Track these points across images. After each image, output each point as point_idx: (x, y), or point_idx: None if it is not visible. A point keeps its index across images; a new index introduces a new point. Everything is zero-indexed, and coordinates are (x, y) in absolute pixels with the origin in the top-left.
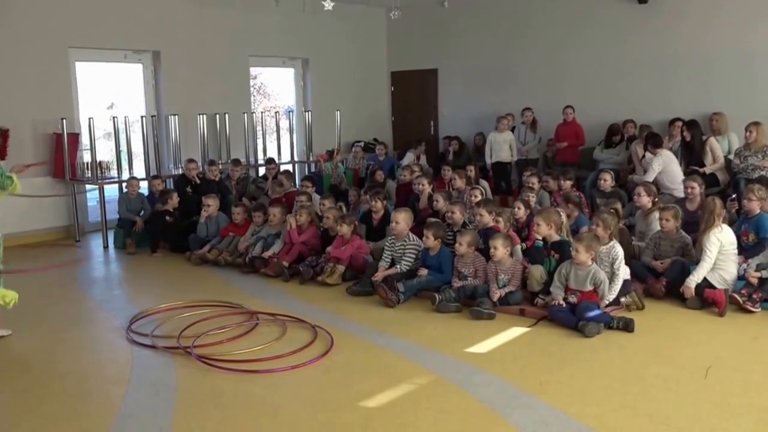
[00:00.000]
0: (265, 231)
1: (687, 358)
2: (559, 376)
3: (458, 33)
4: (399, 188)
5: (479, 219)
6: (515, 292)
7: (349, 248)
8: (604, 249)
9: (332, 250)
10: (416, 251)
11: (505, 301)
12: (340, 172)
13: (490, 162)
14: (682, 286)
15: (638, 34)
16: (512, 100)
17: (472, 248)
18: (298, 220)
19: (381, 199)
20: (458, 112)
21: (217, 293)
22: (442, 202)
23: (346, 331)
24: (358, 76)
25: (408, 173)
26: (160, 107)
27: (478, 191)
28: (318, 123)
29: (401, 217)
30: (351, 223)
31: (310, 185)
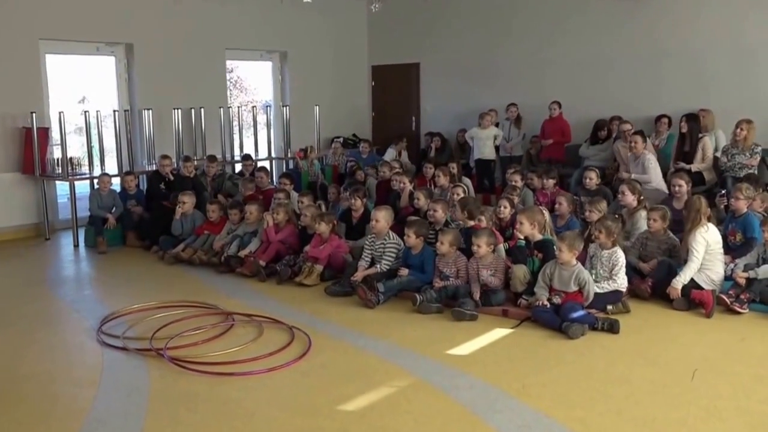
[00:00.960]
0: (241, 229)
1: (673, 360)
2: (543, 378)
3: (441, 26)
4: (379, 185)
5: (457, 216)
6: (498, 292)
7: (328, 247)
8: (605, 253)
9: (310, 250)
10: (396, 250)
11: (488, 301)
12: (316, 170)
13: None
14: (669, 287)
15: (626, 29)
16: (497, 96)
17: (453, 247)
18: (275, 218)
19: (360, 197)
20: (441, 108)
21: (191, 293)
22: (424, 200)
23: (324, 332)
24: (338, 71)
25: (388, 170)
26: (133, 101)
27: (461, 189)
28: (296, 118)
29: (381, 215)
30: (330, 222)
31: (287, 182)
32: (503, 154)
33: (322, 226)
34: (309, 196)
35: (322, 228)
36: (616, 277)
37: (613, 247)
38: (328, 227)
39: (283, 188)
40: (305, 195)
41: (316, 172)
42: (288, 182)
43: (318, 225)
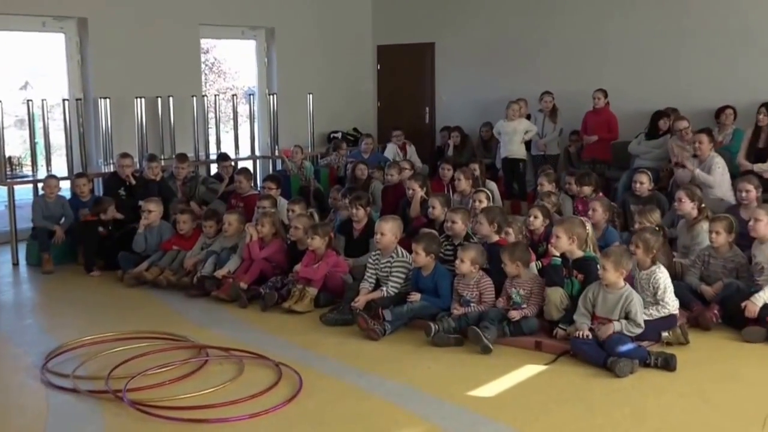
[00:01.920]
0: (218, 244)
1: (742, 404)
2: (584, 426)
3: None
4: (386, 191)
5: (478, 229)
6: (529, 319)
7: (323, 266)
8: (644, 275)
9: (301, 269)
10: (406, 270)
11: (518, 329)
12: (307, 173)
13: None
14: (745, 302)
15: (691, 3)
16: (528, 83)
17: (476, 267)
18: (259, 230)
19: (363, 206)
20: (460, 97)
21: (156, 322)
22: (440, 209)
23: (318, 370)
24: (336, 51)
25: (396, 172)
26: (87, 88)
27: (485, 195)
28: (286, 109)
29: (388, 227)
30: (325, 235)
31: (273, 187)
32: (536, 152)
33: (316, 240)
34: (300, 204)
35: (316, 243)
36: (663, 301)
37: (653, 265)
38: (324, 242)
39: (268, 194)
40: (296, 203)
41: (307, 174)
42: (274, 187)
43: (311, 239)
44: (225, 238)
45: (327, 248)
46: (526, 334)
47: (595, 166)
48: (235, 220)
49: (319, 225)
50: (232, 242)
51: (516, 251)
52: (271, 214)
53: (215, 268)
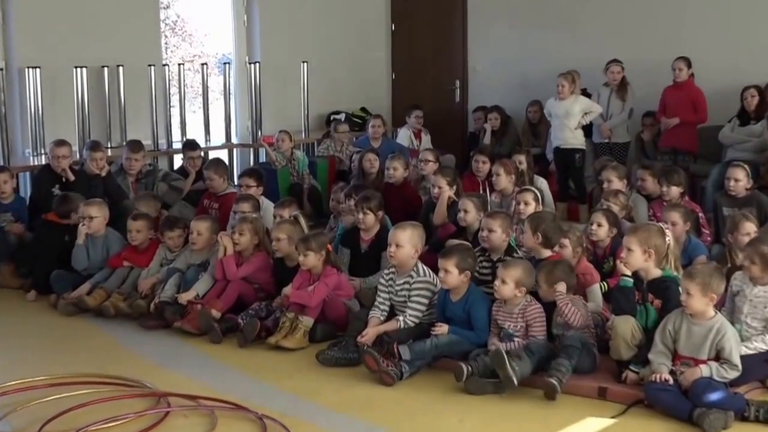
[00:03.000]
0: (182, 260)
1: None
2: None
3: None
4: (388, 191)
5: (524, 241)
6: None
7: (321, 289)
8: (760, 292)
9: (292, 293)
10: (430, 293)
11: None
12: (300, 166)
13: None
14: None
15: None
16: (590, 48)
17: (521, 290)
18: (236, 241)
19: (374, 209)
20: (500, 67)
21: (102, 362)
22: (474, 214)
23: (313, 424)
24: (339, 8)
25: (400, 165)
26: (9, 56)
27: (531, 196)
28: (272, 83)
29: (405, 237)
30: (321, 248)
31: (254, 184)
32: (599, 140)
33: (310, 257)
34: (291, 208)
35: (311, 261)
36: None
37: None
38: (319, 257)
39: (247, 194)
40: (285, 206)
41: (300, 169)
42: (254, 184)
43: (303, 256)
44: (192, 252)
45: (325, 265)
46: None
47: (677, 158)
48: (206, 229)
49: (312, 235)
50: (201, 257)
51: (556, 270)
52: (253, 220)
53: (179, 291)
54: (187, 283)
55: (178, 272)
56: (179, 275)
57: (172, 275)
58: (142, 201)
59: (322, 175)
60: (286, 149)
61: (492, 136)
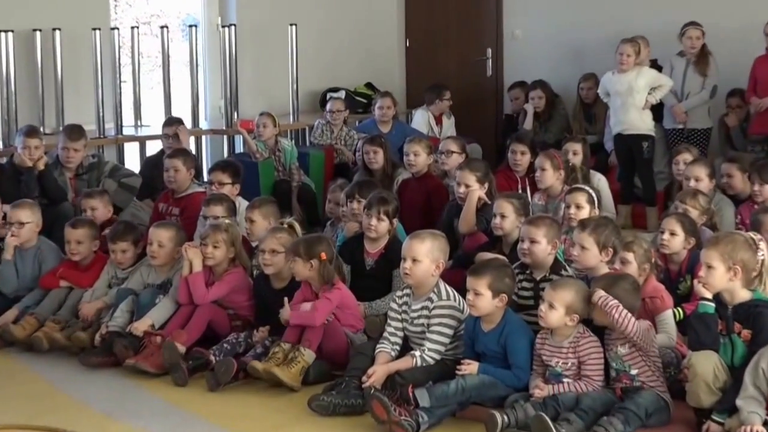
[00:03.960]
0: (136, 279)
1: None
2: None
3: None
4: (404, 188)
5: (578, 256)
6: None
7: (324, 305)
8: None
9: (293, 314)
10: (454, 322)
11: None
12: (287, 158)
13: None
14: None
15: None
16: (659, 10)
17: (573, 317)
18: (208, 255)
19: (388, 214)
20: (544, 33)
21: (31, 410)
22: (513, 220)
23: None
24: None
25: (424, 150)
26: None
27: (584, 197)
28: (251, 52)
29: (424, 249)
30: (323, 254)
31: (229, 181)
32: (671, 125)
33: (299, 264)
34: (265, 209)
35: (301, 268)
36: None
37: None
38: (318, 268)
39: (220, 195)
40: (257, 206)
41: (286, 161)
42: (229, 181)
43: (292, 262)
44: (149, 269)
45: (326, 279)
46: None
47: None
48: (168, 239)
49: (311, 240)
50: (161, 276)
51: (615, 288)
52: (228, 227)
53: (132, 318)
54: (143, 309)
55: (131, 295)
56: (132, 298)
57: (123, 299)
58: (92, 200)
59: (317, 169)
60: (269, 137)
61: (534, 120)
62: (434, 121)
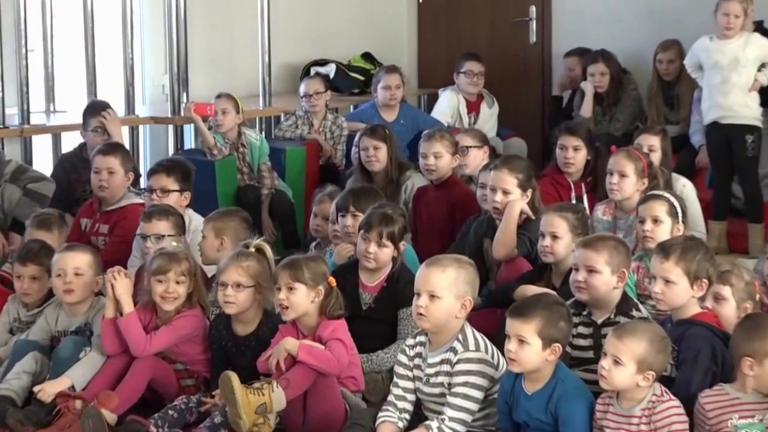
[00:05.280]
0: (40, 325)
1: None
2: None
3: None
4: (419, 199)
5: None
6: None
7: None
8: None
9: (305, 350)
10: (485, 381)
11: None
12: (255, 155)
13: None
14: None
15: None
16: None
17: (649, 376)
18: (168, 295)
19: (393, 237)
20: None
21: None
22: (569, 241)
23: None
24: None
25: (458, 145)
26: None
27: (664, 208)
28: (207, 12)
29: (445, 281)
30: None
31: (175, 187)
32: None
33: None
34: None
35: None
36: None
37: None
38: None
39: (165, 207)
40: (228, 219)
41: (255, 159)
42: (176, 187)
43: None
44: (57, 311)
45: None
46: None
47: None
48: (87, 265)
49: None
50: (74, 319)
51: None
52: (187, 255)
53: (38, 378)
54: (62, 365)
55: (34, 346)
56: (35, 355)
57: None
58: None
59: (296, 172)
60: (231, 127)
61: (595, 104)
62: (466, 106)
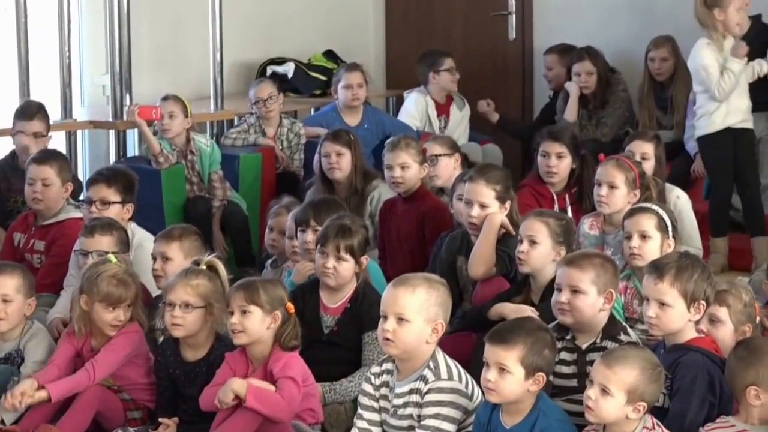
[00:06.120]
0: None
1: None
2: None
3: None
4: (387, 213)
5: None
6: None
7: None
8: None
9: (253, 393)
10: (458, 412)
11: None
12: (205, 163)
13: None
14: None
15: None
16: None
17: (640, 408)
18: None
19: (356, 252)
20: None
21: None
22: (548, 249)
23: None
24: None
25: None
26: None
27: (653, 222)
28: (152, 3)
29: (414, 303)
30: (290, 303)
31: (117, 199)
32: None
33: (253, 318)
34: (191, 241)
35: (257, 325)
36: None
37: None
38: (271, 321)
39: (109, 221)
40: (184, 237)
41: (205, 168)
42: (117, 199)
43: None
44: None
45: (285, 343)
46: None
47: None
48: (15, 290)
49: (269, 285)
50: (9, 343)
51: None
52: (132, 273)
53: None
54: None
55: None
56: None
57: None
58: None
59: (250, 181)
60: (178, 132)
61: (580, 107)
62: (435, 109)
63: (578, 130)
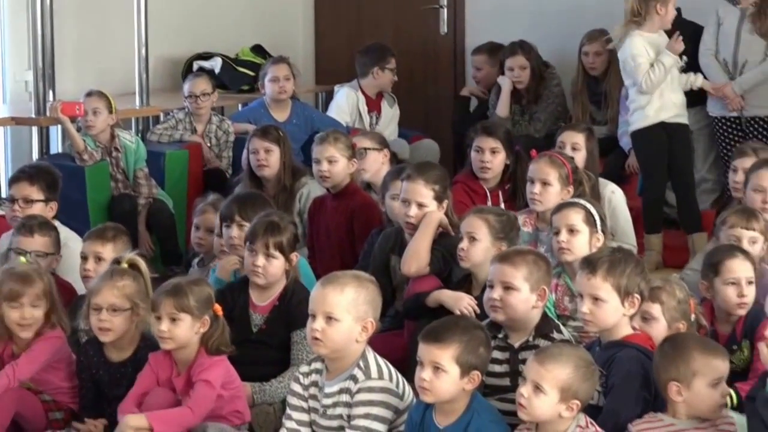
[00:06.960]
0: None
1: None
2: None
3: None
4: (317, 209)
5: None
6: None
7: (204, 392)
8: None
9: (156, 422)
10: (389, 412)
11: None
12: (130, 160)
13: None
14: None
15: None
16: None
17: (573, 406)
18: (23, 321)
19: (285, 249)
20: None
21: None
22: (488, 245)
23: None
24: None
25: (351, 154)
26: None
27: (580, 216)
28: (77, 3)
29: (343, 301)
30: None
31: (40, 197)
32: (718, 111)
33: (186, 325)
34: (121, 240)
35: (185, 331)
36: None
37: None
38: (200, 325)
39: (32, 219)
40: (117, 237)
41: (129, 165)
42: (41, 197)
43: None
44: None
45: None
46: None
47: None
48: None
49: (195, 285)
50: None
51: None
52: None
53: None
54: None
55: None
56: None
57: None
58: None
59: (177, 178)
60: (103, 128)
61: (513, 102)
62: (366, 105)
63: (511, 126)
